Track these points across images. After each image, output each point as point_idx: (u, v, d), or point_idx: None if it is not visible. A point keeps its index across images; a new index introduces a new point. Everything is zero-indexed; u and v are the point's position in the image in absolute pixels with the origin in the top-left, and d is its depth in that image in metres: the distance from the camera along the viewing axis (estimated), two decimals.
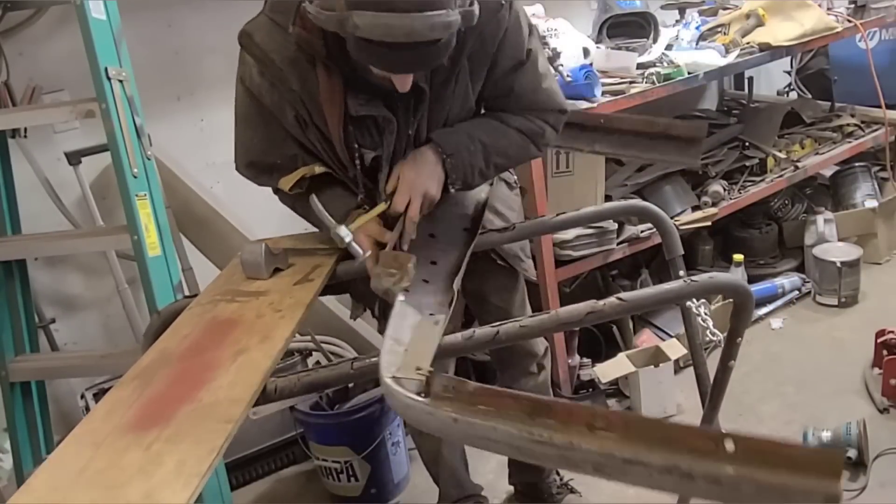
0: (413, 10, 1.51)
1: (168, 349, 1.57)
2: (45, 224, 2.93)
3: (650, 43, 3.54)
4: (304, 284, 1.84)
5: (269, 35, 1.81)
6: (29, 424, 2.79)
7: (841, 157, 4.16)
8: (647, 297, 1.55)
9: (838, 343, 3.48)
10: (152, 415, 1.31)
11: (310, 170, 1.96)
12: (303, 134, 1.92)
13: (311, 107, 1.85)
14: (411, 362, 1.34)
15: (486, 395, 1.14)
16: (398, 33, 1.53)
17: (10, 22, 2.80)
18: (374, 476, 2.91)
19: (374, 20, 1.52)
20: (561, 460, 1.12)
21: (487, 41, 1.84)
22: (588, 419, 1.07)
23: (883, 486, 2.63)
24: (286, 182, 1.97)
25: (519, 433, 1.10)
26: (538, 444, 1.09)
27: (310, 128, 1.89)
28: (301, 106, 1.85)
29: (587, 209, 2.18)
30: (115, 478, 1.16)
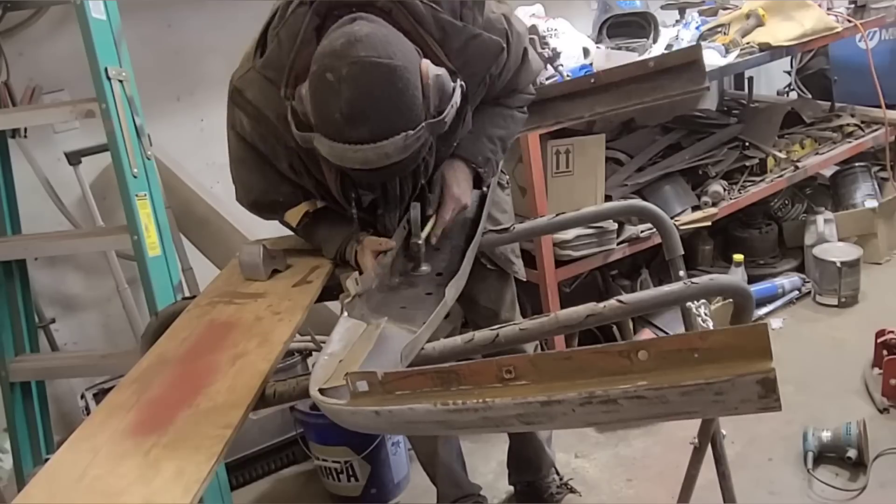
0: (365, 141, 1.52)
1: (166, 352, 1.57)
2: (45, 224, 2.94)
3: (650, 43, 3.54)
4: (302, 286, 1.83)
5: (261, 92, 1.77)
6: (29, 424, 2.79)
7: (841, 157, 4.16)
8: (647, 300, 1.55)
9: (838, 343, 3.48)
10: (151, 420, 1.31)
11: (312, 205, 1.96)
12: (298, 179, 1.90)
13: (308, 159, 1.82)
14: (342, 371, 1.33)
15: (398, 379, 1.13)
16: (354, 162, 1.56)
17: (10, 22, 2.80)
18: (374, 476, 2.91)
19: (331, 150, 1.56)
20: (486, 423, 1.10)
21: (494, 78, 1.87)
22: (496, 372, 1.06)
23: (883, 486, 2.63)
24: (292, 217, 1.98)
25: (435, 407, 1.09)
26: (457, 413, 1.08)
27: (305, 175, 1.86)
28: (296, 158, 1.83)
29: (587, 209, 2.17)
30: (114, 485, 1.16)
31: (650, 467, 2.92)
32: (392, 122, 1.53)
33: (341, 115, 1.51)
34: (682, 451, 2.07)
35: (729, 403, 0.98)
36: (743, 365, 0.92)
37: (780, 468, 2.79)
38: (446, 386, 1.09)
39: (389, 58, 1.51)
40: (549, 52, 3.15)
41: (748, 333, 0.93)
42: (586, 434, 3.17)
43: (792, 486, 2.70)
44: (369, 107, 1.51)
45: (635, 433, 3.12)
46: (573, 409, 1.01)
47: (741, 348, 0.92)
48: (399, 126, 1.53)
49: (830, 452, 2.76)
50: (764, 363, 0.91)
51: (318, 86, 1.54)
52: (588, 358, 1.01)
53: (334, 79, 1.49)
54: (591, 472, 2.96)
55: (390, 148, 1.53)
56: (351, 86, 1.49)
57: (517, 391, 1.04)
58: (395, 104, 1.52)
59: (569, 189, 3.20)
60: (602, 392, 0.99)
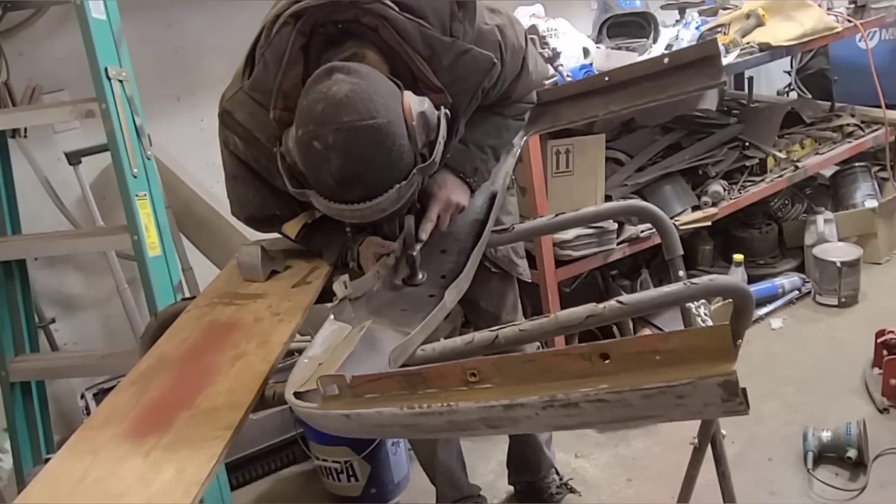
0: (361, 200, 1.53)
1: (166, 353, 1.57)
2: (45, 224, 2.94)
3: (650, 43, 3.54)
4: (302, 287, 1.83)
5: (250, 115, 1.77)
6: (29, 424, 2.79)
7: (841, 157, 4.16)
8: (647, 300, 1.54)
9: (838, 343, 3.48)
10: (151, 421, 1.31)
11: (310, 216, 1.96)
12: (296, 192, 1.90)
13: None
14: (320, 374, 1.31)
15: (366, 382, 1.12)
16: (352, 219, 1.61)
17: (10, 22, 2.80)
18: (374, 476, 2.91)
19: (328, 208, 1.57)
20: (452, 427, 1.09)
21: (488, 90, 1.86)
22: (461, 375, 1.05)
23: (883, 486, 2.63)
24: (290, 229, 1.98)
25: (401, 411, 1.08)
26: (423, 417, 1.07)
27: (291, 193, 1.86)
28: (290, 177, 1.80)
29: (587, 209, 2.17)
30: (114, 486, 1.16)
31: (650, 467, 2.92)
32: (384, 180, 1.53)
33: (334, 180, 1.51)
34: (682, 451, 2.06)
35: (692, 407, 0.96)
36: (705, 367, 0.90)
37: (780, 468, 2.79)
38: (412, 389, 1.08)
39: (373, 117, 1.48)
40: (549, 52, 3.15)
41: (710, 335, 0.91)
42: (586, 434, 3.17)
43: (792, 486, 2.70)
44: (360, 170, 1.51)
45: (635, 433, 3.12)
46: (536, 412, 1.00)
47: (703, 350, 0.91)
48: (391, 181, 1.54)
49: (830, 452, 2.76)
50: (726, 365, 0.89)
51: (305, 153, 1.53)
52: (550, 360, 1.00)
53: (321, 147, 1.49)
54: (591, 472, 2.96)
55: (385, 203, 1.54)
56: (339, 153, 1.49)
57: (481, 395, 1.03)
58: (384, 163, 1.52)
59: (569, 189, 3.20)
60: (563, 396, 0.97)
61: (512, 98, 2.01)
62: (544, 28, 3.30)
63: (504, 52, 1.85)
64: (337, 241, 1.94)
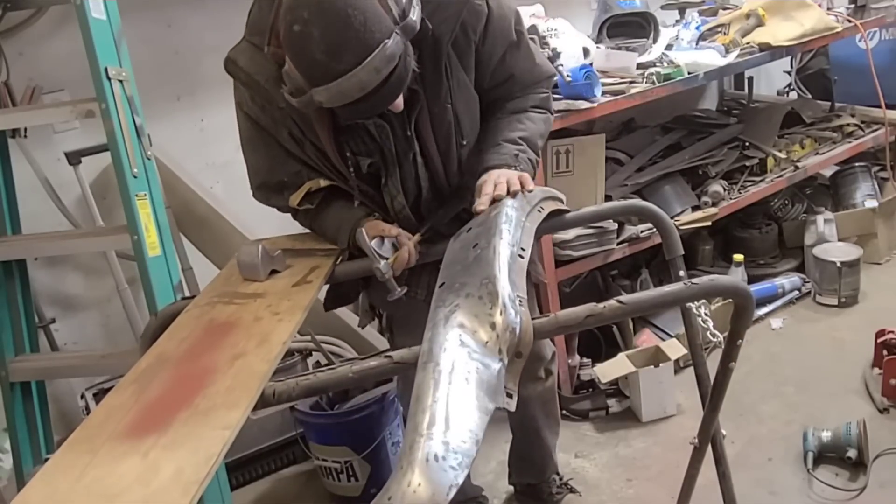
0: (353, 66, 1.58)
1: (166, 353, 1.57)
2: (45, 224, 2.94)
3: (650, 43, 3.54)
4: (302, 286, 1.83)
5: (251, 59, 1.85)
6: (29, 424, 2.78)
7: (841, 157, 4.16)
8: (647, 300, 1.55)
9: (838, 343, 3.48)
10: (150, 421, 1.31)
11: (315, 183, 1.99)
12: (300, 150, 1.95)
13: (302, 122, 1.88)
14: None
15: None
16: (353, 92, 1.62)
17: (10, 22, 2.80)
18: (374, 476, 2.91)
19: (328, 92, 1.61)
20: None
21: (468, 29, 1.87)
22: None
23: (883, 486, 2.63)
24: (294, 199, 2.01)
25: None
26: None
27: (305, 143, 1.91)
28: (292, 123, 1.89)
29: (587, 209, 2.17)
30: (113, 486, 1.16)
31: (650, 467, 2.92)
32: (367, 39, 1.58)
33: (322, 53, 1.58)
34: (682, 451, 2.07)
35: None
36: None
37: (780, 468, 2.79)
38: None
39: None
40: (549, 52, 3.15)
41: None
42: (586, 434, 3.17)
43: (792, 486, 2.70)
44: (341, 34, 1.57)
45: (635, 433, 3.12)
46: None
47: None
48: (375, 39, 1.59)
49: (830, 452, 2.76)
50: None
51: (292, 41, 1.62)
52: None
53: (301, 27, 1.57)
54: (591, 472, 2.96)
55: (377, 61, 1.59)
56: (318, 24, 1.57)
57: None
58: (362, 22, 1.57)
59: (569, 189, 3.17)
60: None
61: (517, 79, 2.02)
62: (544, 28, 3.30)
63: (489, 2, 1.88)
64: (347, 222, 1.98)
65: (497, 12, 1.91)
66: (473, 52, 1.91)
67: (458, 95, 1.93)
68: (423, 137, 1.94)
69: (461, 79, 1.92)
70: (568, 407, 3.31)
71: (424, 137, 1.94)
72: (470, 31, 1.87)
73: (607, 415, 3.27)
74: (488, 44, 1.92)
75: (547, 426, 2.66)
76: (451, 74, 1.89)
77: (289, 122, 1.88)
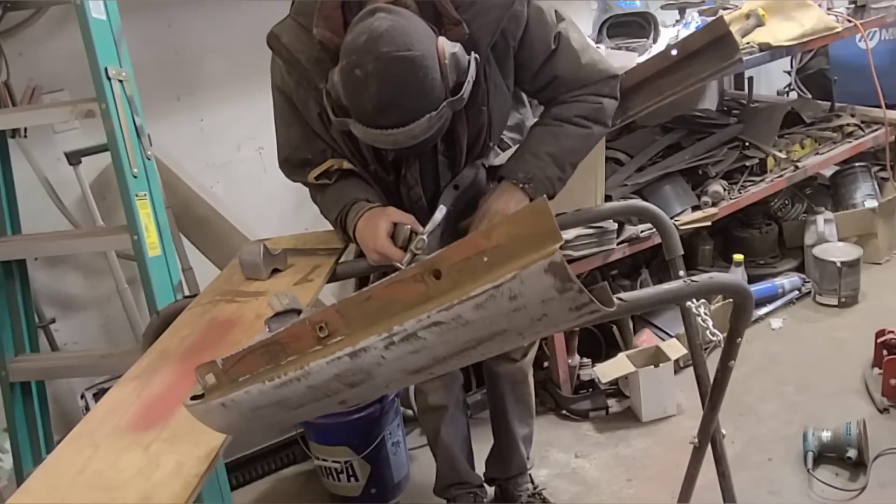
0: (395, 126, 1.67)
1: (168, 350, 1.58)
2: (45, 224, 2.93)
3: (650, 43, 3.54)
4: (303, 285, 1.84)
5: (295, 37, 1.89)
6: (29, 424, 2.79)
7: (841, 157, 4.15)
8: (647, 298, 1.55)
9: (838, 343, 3.48)
10: (151, 416, 1.31)
11: (338, 163, 2.02)
12: (325, 130, 1.98)
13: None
14: None
15: (236, 363, 1.04)
16: (386, 144, 1.73)
17: (10, 22, 2.80)
18: (374, 476, 2.91)
19: (365, 134, 1.72)
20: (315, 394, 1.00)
21: (507, 36, 1.89)
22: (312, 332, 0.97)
23: (883, 486, 2.63)
24: (313, 173, 2.05)
25: (265, 385, 1.01)
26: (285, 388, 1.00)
27: (333, 124, 1.91)
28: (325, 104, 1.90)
29: (587, 209, 2.18)
30: (114, 479, 1.16)
31: (650, 467, 2.92)
32: (417, 108, 1.67)
33: (372, 106, 1.66)
34: (682, 451, 2.07)
35: (532, 309, 0.86)
36: (530, 253, 0.79)
37: (780, 468, 2.79)
38: (276, 360, 1.01)
39: (409, 49, 1.64)
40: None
41: (529, 217, 0.79)
42: (586, 434, 3.17)
43: (792, 486, 2.70)
44: (395, 97, 1.66)
45: (635, 433, 3.12)
46: (382, 355, 0.92)
47: (527, 238, 0.79)
48: (423, 110, 1.68)
49: (830, 452, 2.76)
50: (547, 247, 0.78)
51: (347, 81, 1.68)
52: (386, 292, 0.91)
53: (362, 74, 1.64)
54: (591, 472, 2.96)
55: (417, 130, 1.68)
56: (377, 80, 1.63)
57: (332, 348, 0.95)
58: (417, 92, 1.67)
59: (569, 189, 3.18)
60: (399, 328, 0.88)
61: (562, 80, 2.02)
62: None
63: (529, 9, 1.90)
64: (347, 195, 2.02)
65: (536, 18, 1.93)
66: (512, 56, 1.93)
67: (494, 99, 1.95)
68: (454, 137, 1.96)
69: (498, 83, 1.95)
70: (568, 407, 3.31)
71: (455, 137, 1.96)
72: (509, 37, 1.90)
73: (607, 415, 3.28)
74: (526, 49, 1.94)
75: (516, 412, 2.69)
76: (488, 78, 1.91)
77: (323, 104, 1.89)
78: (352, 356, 0.94)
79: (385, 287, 0.92)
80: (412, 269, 0.91)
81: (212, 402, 1.07)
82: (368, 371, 0.95)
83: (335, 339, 0.96)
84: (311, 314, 1.00)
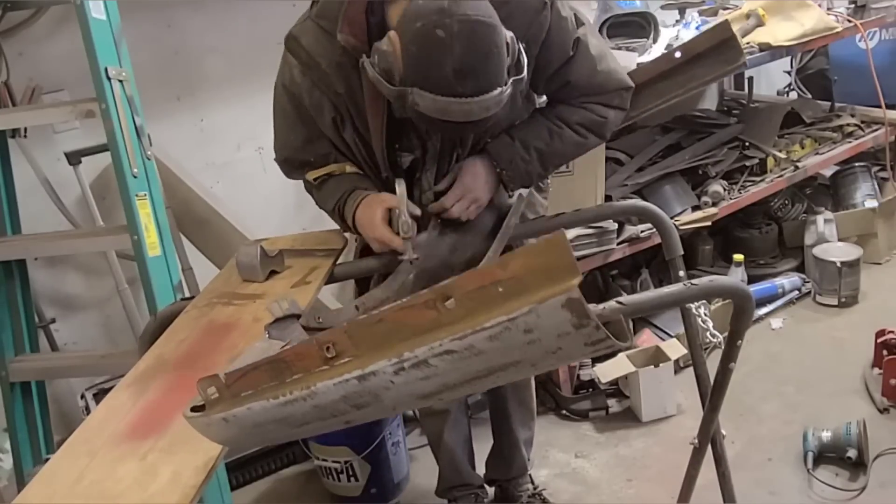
0: (472, 94, 1.60)
1: (164, 355, 1.57)
2: (45, 224, 2.93)
3: (650, 43, 3.53)
4: (301, 287, 1.83)
5: (315, 40, 1.85)
6: (29, 424, 2.79)
7: (841, 157, 4.15)
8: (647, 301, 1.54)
9: (838, 343, 3.48)
10: (148, 424, 1.30)
11: (340, 168, 2.00)
12: (337, 135, 1.94)
13: (354, 109, 1.87)
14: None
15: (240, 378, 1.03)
16: (457, 115, 1.63)
17: (10, 22, 2.79)
18: (374, 476, 2.91)
19: (433, 103, 1.62)
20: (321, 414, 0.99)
21: (531, 43, 1.86)
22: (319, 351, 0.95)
23: (883, 486, 2.63)
24: (313, 174, 2.03)
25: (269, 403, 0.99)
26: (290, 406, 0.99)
27: (347, 129, 1.91)
28: (343, 108, 1.88)
29: (587, 209, 2.18)
30: (110, 489, 1.16)
31: (650, 467, 2.92)
32: (493, 77, 1.63)
33: (453, 70, 1.58)
34: (682, 451, 2.06)
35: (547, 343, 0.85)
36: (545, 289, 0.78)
37: (780, 468, 2.79)
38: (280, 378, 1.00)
39: (489, 16, 1.61)
40: None
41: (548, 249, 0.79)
42: (586, 434, 3.17)
43: (792, 486, 2.70)
44: (478, 62, 1.60)
45: (635, 433, 3.12)
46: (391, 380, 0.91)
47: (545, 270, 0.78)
48: (497, 81, 1.64)
49: (830, 452, 2.76)
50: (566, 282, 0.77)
51: (424, 42, 1.60)
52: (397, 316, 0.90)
53: (446, 35, 1.57)
54: (591, 472, 2.96)
55: (490, 101, 1.63)
56: (463, 42, 1.57)
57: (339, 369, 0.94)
58: (497, 60, 1.63)
59: (569, 189, 3.20)
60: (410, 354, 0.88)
61: (574, 85, 1.99)
62: None
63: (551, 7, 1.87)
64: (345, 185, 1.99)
65: (557, 26, 1.90)
66: (533, 61, 1.89)
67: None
68: (465, 141, 1.95)
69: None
70: (568, 407, 3.31)
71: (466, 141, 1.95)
72: (532, 43, 1.86)
73: (607, 415, 3.28)
74: (544, 54, 1.91)
75: (518, 415, 2.69)
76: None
77: (340, 106, 1.87)
78: (360, 379, 0.93)
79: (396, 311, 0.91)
80: (424, 294, 0.90)
81: (213, 416, 1.06)
82: (376, 394, 0.95)
83: (343, 360, 0.95)
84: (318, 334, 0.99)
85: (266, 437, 1.08)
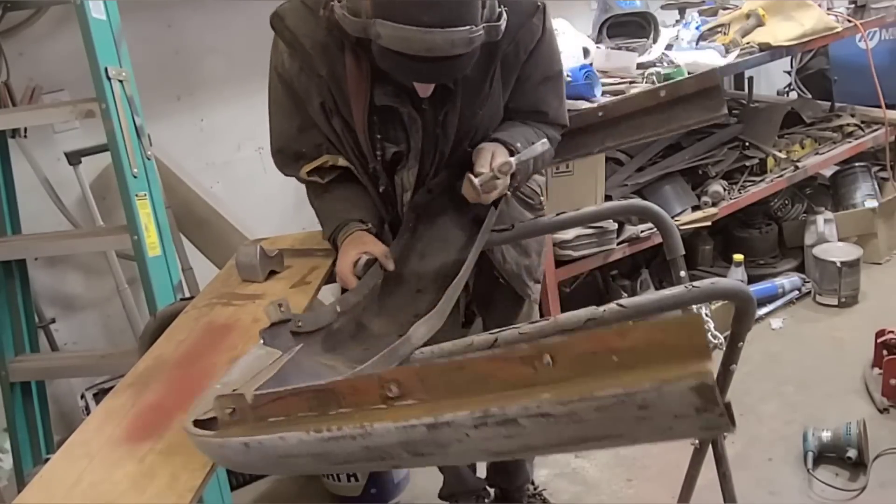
0: (436, 25, 1.53)
1: (163, 355, 1.56)
2: (45, 224, 2.93)
3: (650, 43, 3.53)
4: (300, 287, 1.83)
5: (300, 19, 1.81)
6: (29, 424, 2.79)
7: (841, 157, 4.16)
8: (648, 304, 1.54)
9: (838, 343, 3.48)
10: (146, 426, 1.30)
11: (333, 159, 1.96)
12: (326, 123, 1.90)
13: (338, 94, 1.83)
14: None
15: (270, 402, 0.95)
16: (418, 47, 1.56)
17: (10, 22, 2.80)
18: (374, 476, 2.90)
19: (394, 32, 1.55)
20: (369, 455, 0.91)
21: (520, 47, 1.84)
22: (378, 389, 0.87)
23: (883, 486, 2.63)
24: (306, 168, 1.99)
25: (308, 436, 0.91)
26: (333, 443, 0.90)
27: (334, 116, 1.87)
28: (327, 92, 1.84)
29: (587, 209, 2.16)
30: (109, 492, 1.16)
31: (650, 467, 2.92)
32: (461, 12, 1.56)
33: None
34: (682, 451, 2.06)
35: (659, 421, 0.78)
36: (672, 368, 0.72)
37: (780, 468, 2.79)
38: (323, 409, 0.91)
39: None
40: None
41: (679, 328, 0.73)
42: None
43: (792, 486, 2.70)
44: None
45: None
46: (466, 433, 0.83)
47: (671, 348, 0.73)
48: (466, 18, 1.57)
49: (830, 452, 2.76)
50: (699, 364, 0.72)
51: None
52: (485, 367, 0.82)
53: None
54: (591, 472, 2.95)
55: (457, 36, 1.55)
56: None
57: (402, 412, 0.86)
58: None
59: (569, 189, 3.20)
60: (498, 410, 0.79)
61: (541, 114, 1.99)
62: None
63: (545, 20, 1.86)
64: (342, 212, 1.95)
65: (548, 39, 1.90)
66: (518, 69, 1.89)
67: (489, 105, 1.90)
68: (447, 137, 1.90)
69: (497, 91, 1.90)
70: None
71: (448, 138, 1.91)
72: (521, 49, 1.85)
73: None
74: (531, 65, 1.89)
75: None
76: (492, 84, 1.87)
77: (325, 93, 1.84)
78: (430, 427, 0.85)
79: (484, 361, 0.85)
80: (523, 349, 0.82)
81: (231, 438, 0.98)
82: (444, 445, 0.87)
83: (406, 401, 0.87)
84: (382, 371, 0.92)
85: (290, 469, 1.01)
